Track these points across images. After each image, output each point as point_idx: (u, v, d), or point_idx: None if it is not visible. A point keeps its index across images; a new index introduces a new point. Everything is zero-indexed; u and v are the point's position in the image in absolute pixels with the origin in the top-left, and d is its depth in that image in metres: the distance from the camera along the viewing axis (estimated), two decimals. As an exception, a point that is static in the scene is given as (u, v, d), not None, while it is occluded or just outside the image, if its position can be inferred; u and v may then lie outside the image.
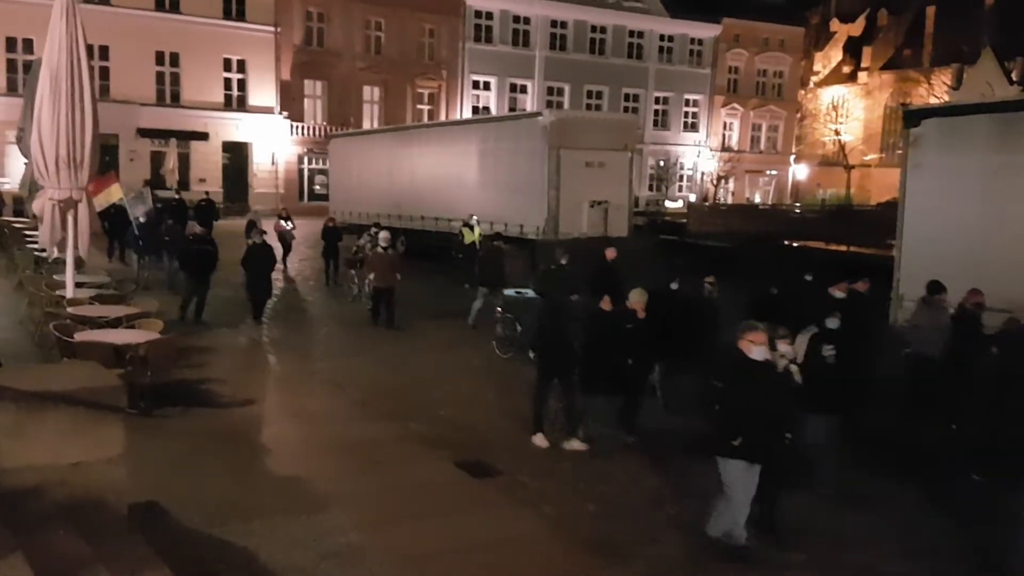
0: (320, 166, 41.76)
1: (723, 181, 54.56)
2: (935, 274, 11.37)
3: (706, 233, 27.49)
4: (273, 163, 41.88)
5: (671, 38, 52.38)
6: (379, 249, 15.48)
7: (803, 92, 62.67)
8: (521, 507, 7.28)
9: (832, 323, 7.79)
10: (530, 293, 13.46)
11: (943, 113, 14.04)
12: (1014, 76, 50.23)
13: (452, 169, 24.39)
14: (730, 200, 54.05)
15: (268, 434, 8.90)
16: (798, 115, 60.51)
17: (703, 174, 54.40)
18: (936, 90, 54.64)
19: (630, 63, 51.27)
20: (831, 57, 66.70)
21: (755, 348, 6.19)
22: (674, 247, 24.06)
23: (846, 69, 65.48)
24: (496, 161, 22.72)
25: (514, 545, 6.49)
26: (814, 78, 66.03)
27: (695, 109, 54.62)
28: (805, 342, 7.47)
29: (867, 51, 63.90)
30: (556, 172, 20.31)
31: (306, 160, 43.32)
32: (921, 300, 10.25)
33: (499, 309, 13.35)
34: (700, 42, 53.51)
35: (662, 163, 52.69)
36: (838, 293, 9.27)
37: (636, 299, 9.04)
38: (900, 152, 14.32)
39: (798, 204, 51.57)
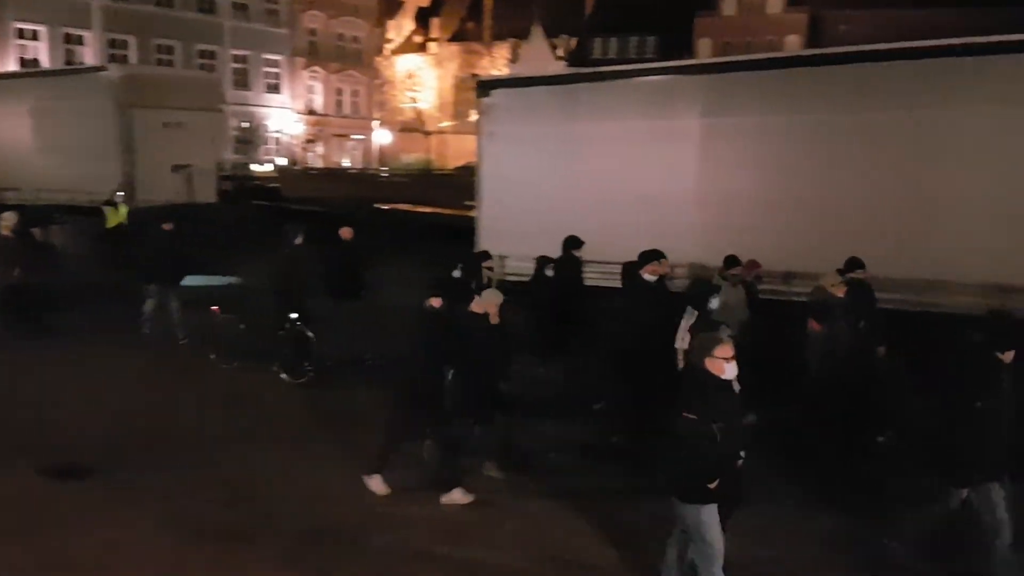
0: None
1: (311, 145, 54.33)
2: (513, 233, 12.59)
3: (300, 198, 27.16)
4: None
5: (246, -6, 50.40)
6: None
7: (380, 59, 64.59)
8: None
9: (714, 303, 7.18)
10: (226, 279, 11.82)
11: (510, 84, 15.43)
12: (560, 52, 57.00)
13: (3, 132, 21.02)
14: (320, 164, 54.06)
15: None
16: (378, 81, 62.30)
17: (290, 137, 53.63)
18: (498, 63, 59.99)
19: (202, 17, 48.22)
20: (403, 26, 69.51)
21: (727, 366, 5.04)
22: (275, 213, 23.41)
23: (418, 39, 68.79)
24: (56, 122, 20.04)
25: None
26: (389, 46, 68.35)
27: (276, 70, 53.38)
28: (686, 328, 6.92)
29: (435, 22, 67.81)
30: (129, 134, 18.55)
31: None
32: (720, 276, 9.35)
33: (214, 308, 11.33)
34: (276, 0, 52.25)
35: (247, 125, 50.81)
36: (648, 276, 8.43)
37: (491, 299, 7.43)
38: (474, 120, 15.50)
39: (385, 168, 53.30)
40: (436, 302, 7.20)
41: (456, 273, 9.34)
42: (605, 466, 7.88)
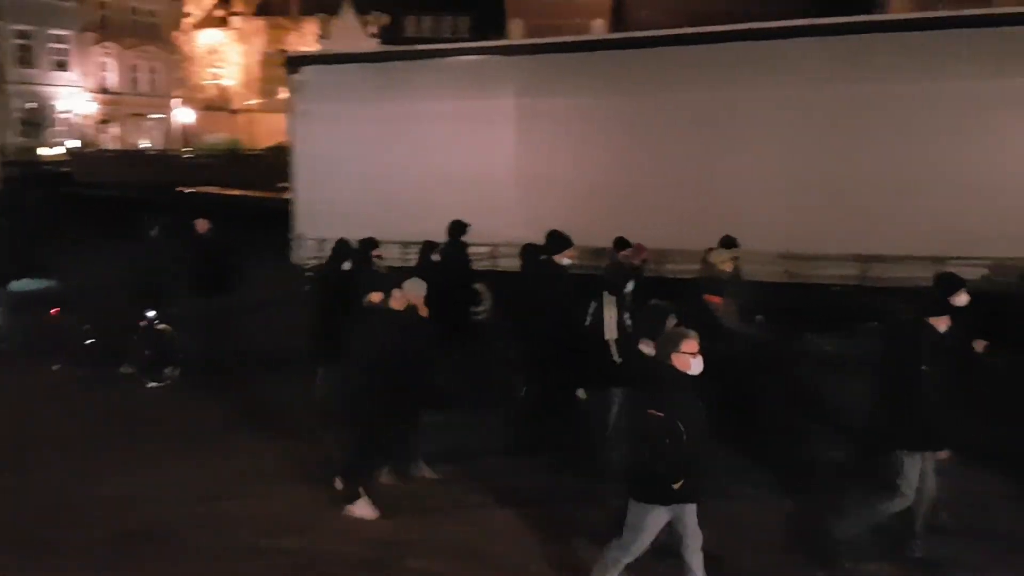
0: None
1: (105, 125, 50.46)
2: (332, 216, 12.24)
3: (95, 183, 25.21)
4: None
5: (22, -39, 45.85)
6: None
7: (179, 34, 60.85)
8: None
9: (630, 287, 7.03)
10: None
11: (322, 61, 14.93)
12: (372, 30, 56.01)
13: None
14: (116, 146, 50.32)
15: None
16: (177, 58, 58.71)
17: (82, 118, 49.54)
18: (307, 39, 58.08)
19: (-26, -12, 43.55)
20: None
21: (694, 361, 4.89)
22: (71, 200, 21.55)
23: (219, 13, 65.36)
24: None
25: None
26: (188, 20, 64.51)
27: (64, 46, 49.07)
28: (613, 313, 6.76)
29: (238, -5, 64.62)
30: None
31: None
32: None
33: (54, 311, 10.28)
34: (60, -31, 47.96)
35: (32, 106, 46.42)
36: (566, 260, 8.18)
37: (416, 291, 6.82)
38: (284, 98, 14.94)
39: (188, 149, 50.45)
40: (376, 297, 6.65)
41: (346, 266, 8.62)
42: (532, 462, 7.47)
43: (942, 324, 5.49)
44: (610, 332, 6.70)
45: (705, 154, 10.99)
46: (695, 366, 4.85)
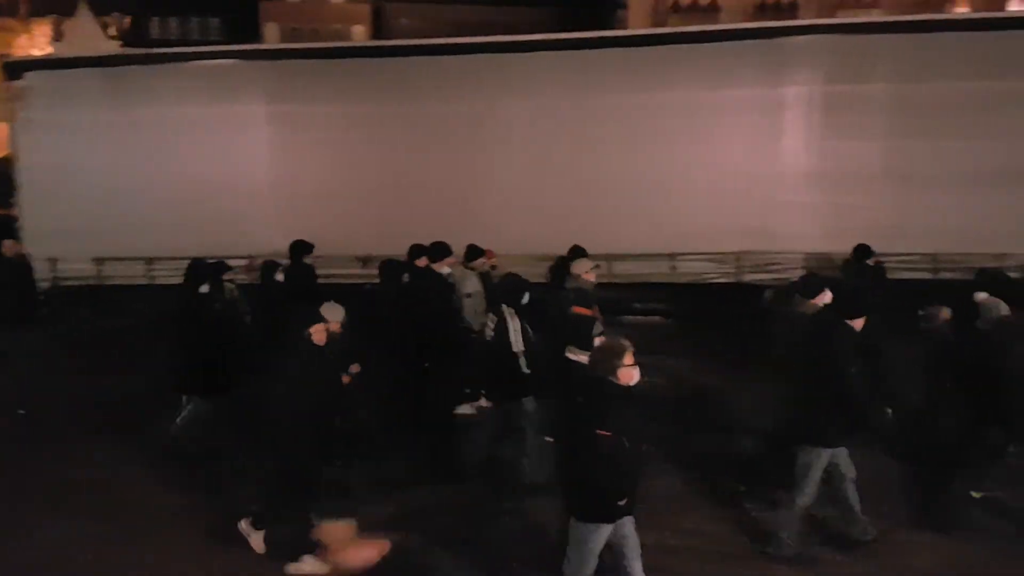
0: None
1: None
2: (66, 233, 11.23)
3: None
4: None
5: None
6: None
7: None
8: None
9: (526, 298, 6.73)
10: None
11: (48, 66, 13.66)
12: (112, 31, 51.98)
13: None
14: None
15: None
16: None
17: None
18: (39, 42, 52.83)
19: None
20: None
21: (634, 373, 4.68)
22: None
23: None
24: None
25: None
26: None
27: None
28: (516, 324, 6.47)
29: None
30: None
31: None
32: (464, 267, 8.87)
33: None
34: None
35: None
36: (445, 269, 7.98)
37: (337, 317, 6.18)
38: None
39: None
40: (319, 334, 5.89)
41: (204, 289, 7.70)
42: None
43: (859, 324, 5.57)
44: (516, 344, 6.52)
45: (458, 161, 11.27)
46: (635, 377, 4.71)
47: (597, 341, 4.89)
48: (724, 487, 6.81)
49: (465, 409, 8.04)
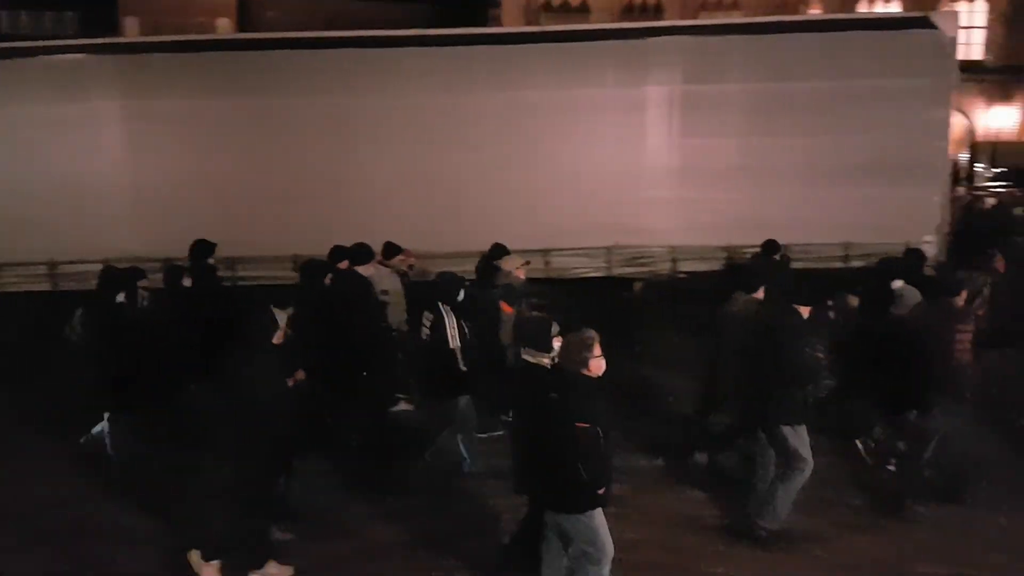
0: None
1: None
2: None
3: None
4: None
5: None
6: None
7: None
8: None
9: (462, 295, 6.68)
10: None
11: None
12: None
13: None
14: None
15: None
16: None
17: None
18: None
19: None
20: None
21: (602, 363, 4.76)
22: None
23: None
24: None
25: None
26: None
27: None
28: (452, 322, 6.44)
29: None
30: None
31: None
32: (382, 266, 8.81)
33: None
34: None
35: None
36: (370, 271, 7.88)
37: (283, 320, 5.66)
38: None
39: None
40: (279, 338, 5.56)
41: (120, 298, 7.14)
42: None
43: (806, 312, 5.90)
44: (454, 342, 6.55)
45: (325, 159, 11.08)
46: (603, 367, 4.81)
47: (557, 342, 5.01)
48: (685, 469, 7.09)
49: (401, 407, 8.05)
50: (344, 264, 7.93)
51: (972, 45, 42.44)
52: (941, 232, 11.40)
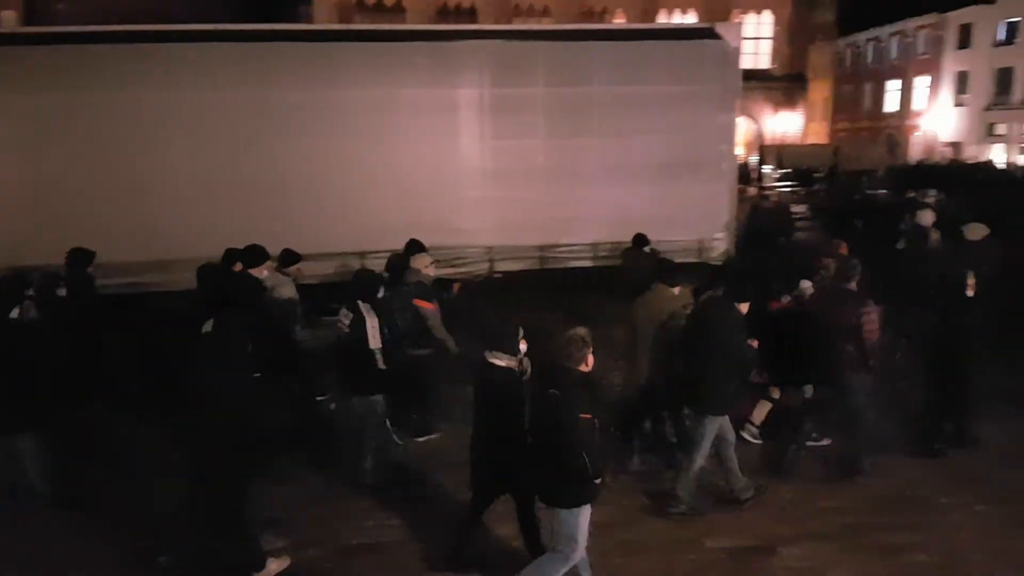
0: None
1: None
2: None
3: None
4: None
5: None
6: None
7: None
8: None
9: (381, 293, 6.60)
10: None
11: None
12: None
13: None
14: None
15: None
16: None
17: None
18: None
19: None
20: None
21: (592, 358, 4.91)
22: None
23: None
24: None
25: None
26: None
27: None
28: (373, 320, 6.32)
29: None
30: None
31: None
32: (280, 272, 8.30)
33: None
34: None
35: None
36: (264, 273, 7.59)
37: None
38: None
39: None
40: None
41: (61, 291, 7.06)
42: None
43: (744, 307, 6.13)
44: (374, 341, 6.39)
45: (121, 156, 10.46)
46: (592, 363, 4.94)
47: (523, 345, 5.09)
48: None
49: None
50: (238, 267, 7.77)
51: (760, 55, 46.27)
52: (730, 228, 12.31)
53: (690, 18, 40.86)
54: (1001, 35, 37.18)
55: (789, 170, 31.05)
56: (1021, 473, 6.79)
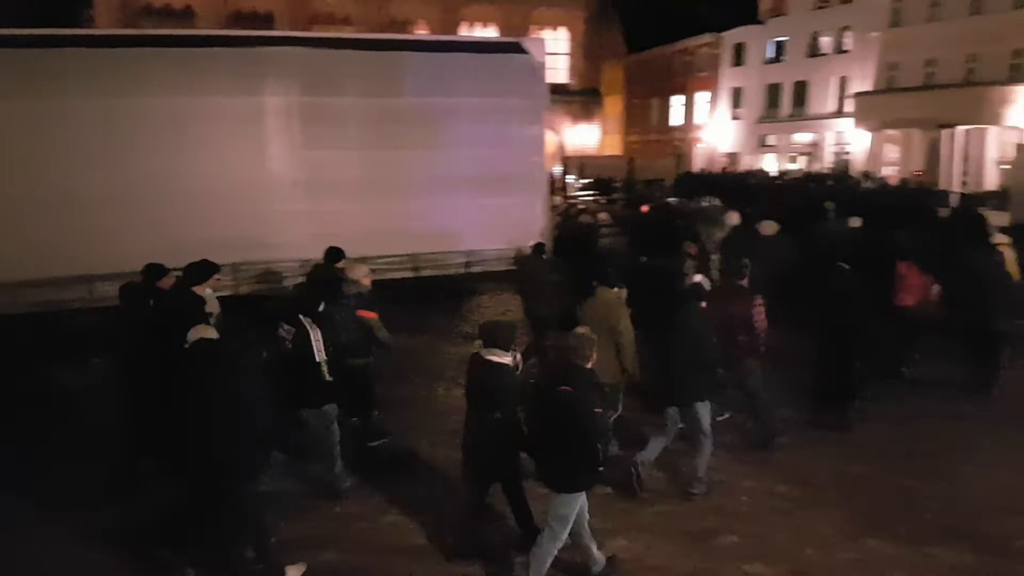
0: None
1: None
2: None
3: None
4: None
5: None
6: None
7: None
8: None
9: (322, 307, 6.74)
10: None
11: None
12: None
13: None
14: None
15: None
16: None
17: None
18: None
19: None
20: None
21: (592, 357, 5.41)
22: None
23: None
24: None
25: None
26: None
27: None
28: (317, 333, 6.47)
29: None
30: None
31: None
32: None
33: None
34: None
35: None
36: (208, 290, 7.53)
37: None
38: None
39: None
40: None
41: None
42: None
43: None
44: (319, 354, 6.47)
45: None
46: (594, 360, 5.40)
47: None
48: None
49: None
50: (166, 283, 7.52)
51: (559, 70, 48.03)
52: (545, 236, 12.64)
53: (491, 32, 41.71)
54: (770, 53, 40.75)
55: (590, 180, 32.43)
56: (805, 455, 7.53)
